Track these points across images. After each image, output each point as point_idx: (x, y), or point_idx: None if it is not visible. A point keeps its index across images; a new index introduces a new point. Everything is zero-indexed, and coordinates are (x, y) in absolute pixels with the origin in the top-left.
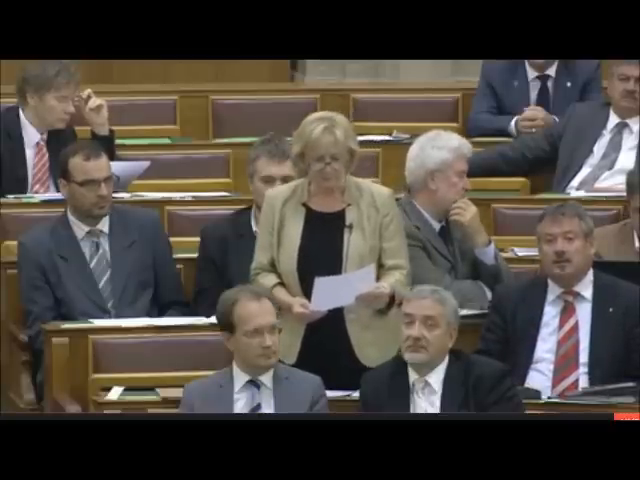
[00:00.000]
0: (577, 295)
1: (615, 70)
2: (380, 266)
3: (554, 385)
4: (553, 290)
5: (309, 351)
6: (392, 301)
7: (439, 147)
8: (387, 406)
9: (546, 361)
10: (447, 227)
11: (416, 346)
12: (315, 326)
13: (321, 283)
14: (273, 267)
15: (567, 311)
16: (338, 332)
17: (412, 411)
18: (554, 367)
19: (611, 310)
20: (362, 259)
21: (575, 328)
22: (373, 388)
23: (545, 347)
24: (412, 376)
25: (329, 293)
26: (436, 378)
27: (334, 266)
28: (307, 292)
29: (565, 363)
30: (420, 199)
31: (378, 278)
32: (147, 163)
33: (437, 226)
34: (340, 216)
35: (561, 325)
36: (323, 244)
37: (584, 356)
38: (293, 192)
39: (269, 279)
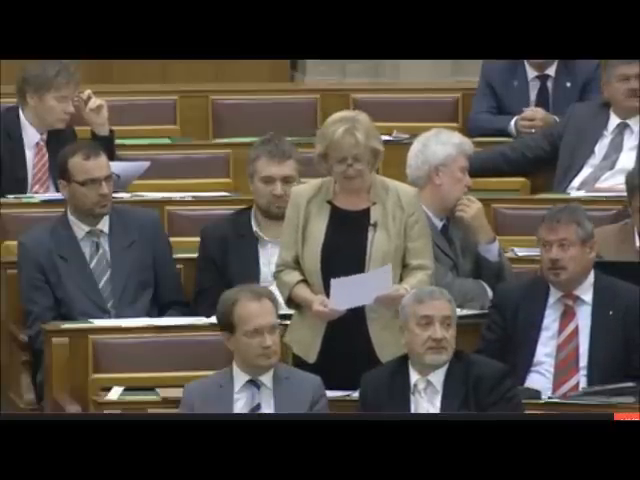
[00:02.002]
0: (577, 299)
1: (612, 72)
2: (404, 266)
3: (554, 389)
4: (554, 293)
5: (330, 350)
6: None
7: (443, 142)
8: (386, 406)
9: (546, 364)
10: (449, 225)
11: (439, 347)
12: (336, 325)
13: (337, 284)
14: (297, 264)
15: (567, 315)
16: (359, 331)
17: (413, 411)
18: (554, 371)
19: (611, 313)
20: (385, 258)
21: (575, 333)
22: (373, 388)
23: (545, 351)
24: (414, 376)
25: (347, 293)
26: (438, 378)
27: (357, 265)
28: (329, 290)
29: (565, 367)
30: (423, 196)
31: (401, 278)
32: (147, 164)
33: (439, 224)
34: (365, 214)
35: (561, 330)
36: (347, 242)
37: (584, 360)
38: (318, 190)
39: (292, 276)
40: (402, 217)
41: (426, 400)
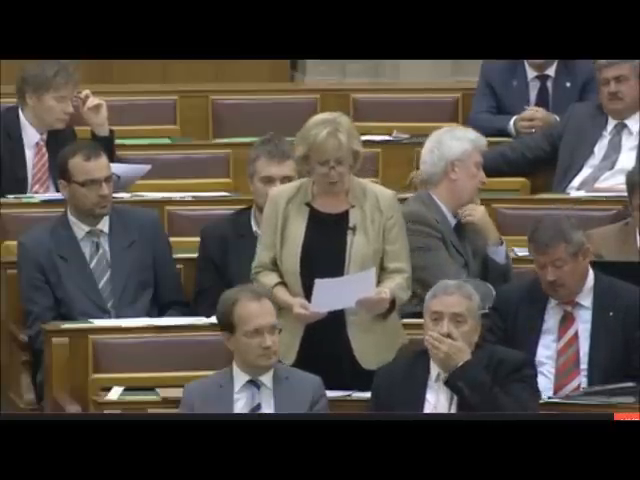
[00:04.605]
0: (576, 304)
1: (598, 77)
2: (382, 269)
3: (556, 391)
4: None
5: (308, 352)
6: (392, 306)
7: (458, 138)
8: (400, 399)
9: (548, 365)
10: (461, 223)
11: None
12: (315, 327)
13: (321, 285)
14: (275, 266)
15: (567, 321)
16: (338, 334)
17: (434, 400)
18: (555, 373)
19: (611, 314)
20: (364, 261)
21: (575, 337)
22: (387, 380)
23: (546, 353)
24: (435, 368)
25: (329, 295)
26: None
27: (336, 267)
28: (308, 292)
29: (566, 370)
30: (439, 192)
31: (379, 281)
32: (148, 167)
33: (453, 221)
34: (344, 217)
35: (561, 335)
36: (326, 245)
37: (584, 361)
38: (297, 191)
39: (270, 278)
40: (380, 220)
41: (449, 390)
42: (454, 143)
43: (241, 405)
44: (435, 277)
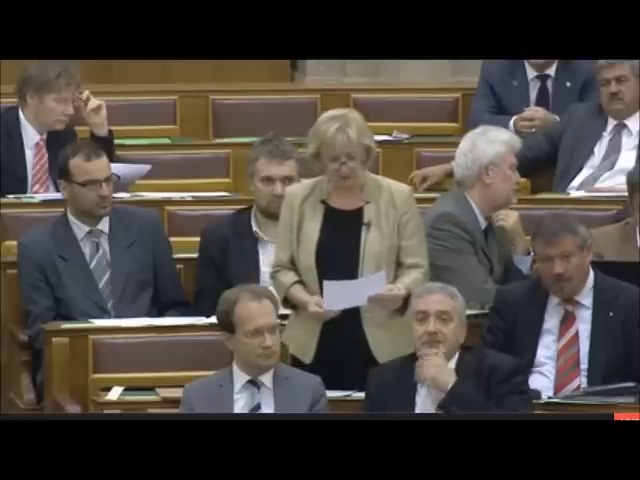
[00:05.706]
0: (577, 304)
1: (598, 76)
2: (398, 265)
3: (556, 391)
4: (553, 297)
5: (325, 350)
6: (408, 302)
7: (492, 141)
8: (392, 401)
9: (548, 365)
10: (491, 227)
11: (433, 341)
12: (331, 325)
13: (330, 286)
14: (293, 264)
15: (567, 321)
16: (355, 331)
17: (421, 403)
18: (555, 373)
19: (611, 314)
20: (379, 257)
21: (575, 337)
22: (379, 383)
23: (546, 353)
24: None
25: (340, 296)
26: None
27: (352, 264)
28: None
29: (566, 371)
30: (472, 193)
31: (396, 277)
32: (148, 167)
33: (484, 224)
34: (358, 214)
35: (561, 335)
36: (341, 242)
37: (585, 362)
38: (312, 189)
39: (289, 277)
40: (395, 216)
41: (436, 392)
42: (488, 146)
43: (241, 405)
44: (461, 281)
